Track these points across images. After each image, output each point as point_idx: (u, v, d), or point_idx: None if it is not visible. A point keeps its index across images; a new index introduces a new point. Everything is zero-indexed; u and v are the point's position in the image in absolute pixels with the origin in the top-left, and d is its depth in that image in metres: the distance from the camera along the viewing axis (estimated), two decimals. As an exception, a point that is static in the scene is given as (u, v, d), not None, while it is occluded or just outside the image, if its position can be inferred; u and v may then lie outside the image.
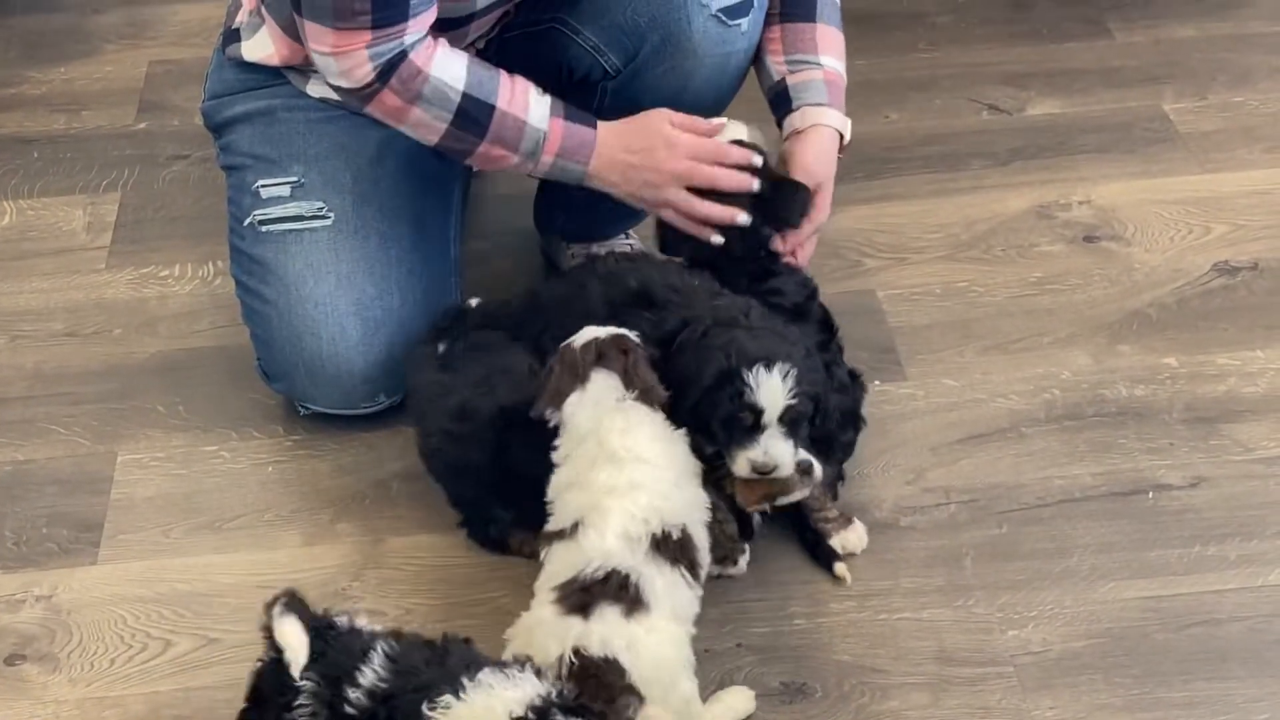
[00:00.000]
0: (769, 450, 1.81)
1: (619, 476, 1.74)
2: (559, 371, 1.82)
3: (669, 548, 1.73)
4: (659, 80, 2.11)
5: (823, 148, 2.09)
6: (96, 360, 2.34)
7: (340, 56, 1.92)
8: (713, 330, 1.86)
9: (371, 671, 1.55)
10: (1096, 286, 2.41)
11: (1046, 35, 2.97)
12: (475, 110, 1.97)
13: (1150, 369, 2.26)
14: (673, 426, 1.82)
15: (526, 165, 2.03)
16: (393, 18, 1.89)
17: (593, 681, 1.59)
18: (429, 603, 1.96)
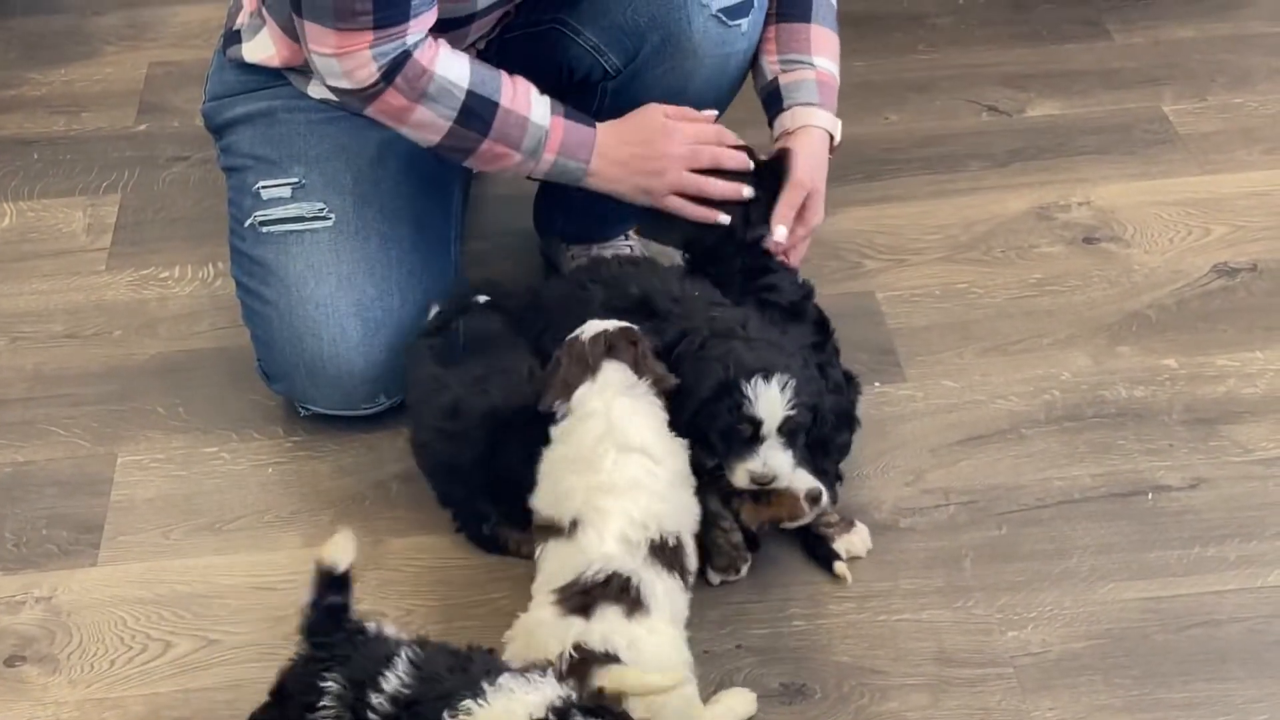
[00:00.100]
0: (768, 461, 1.82)
1: (619, 472, 1.74)
2: (567, 364, 1.82)
3: (665, 555, 1.73)
4: (659, 80, 2.11)
5: (812, 149, 2.09)
6: (96, 362, 2.33)
7: (343, 57, 1.92)
8: (711, 341, 1.86)
9: (395, 677, 1.55)
10: (1096, 288, 2.41)
11: (1046, 37, 2.97)
12: (479, 107, 1.97)
13: (1150, 370, 2.26)
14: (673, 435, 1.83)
15: (528, 164, 2.03)
16: (394, 18, 1.89)
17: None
18: (429, 604, 1.96)
